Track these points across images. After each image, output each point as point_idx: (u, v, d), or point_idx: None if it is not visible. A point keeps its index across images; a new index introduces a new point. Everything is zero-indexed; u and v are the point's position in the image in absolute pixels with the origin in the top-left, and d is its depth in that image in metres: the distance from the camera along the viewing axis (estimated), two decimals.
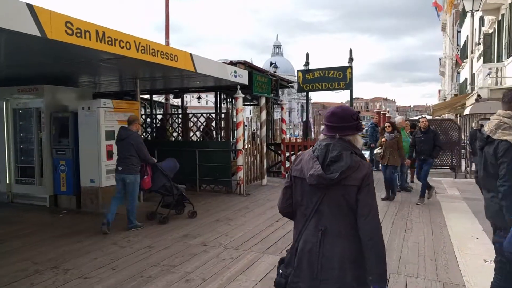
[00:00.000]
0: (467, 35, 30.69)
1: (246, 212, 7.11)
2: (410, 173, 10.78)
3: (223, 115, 10.83)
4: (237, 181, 8.83)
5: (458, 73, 38.31)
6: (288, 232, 5.77)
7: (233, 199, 7.56)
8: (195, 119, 10.15)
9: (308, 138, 11.54)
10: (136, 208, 6.01)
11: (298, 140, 11.88)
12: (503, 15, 15.81)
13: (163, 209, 6.51)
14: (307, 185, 1.98)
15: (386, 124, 8.23)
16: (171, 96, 12.19)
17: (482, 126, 13.24)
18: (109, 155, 7.28)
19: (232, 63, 9.00)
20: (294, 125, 65.53)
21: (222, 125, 10.80)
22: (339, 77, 10.91)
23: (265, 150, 10.37)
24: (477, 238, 5.68)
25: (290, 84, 11.99)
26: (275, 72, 11.02)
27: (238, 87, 8.82)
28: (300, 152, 2.61)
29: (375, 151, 8.41)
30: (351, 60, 10.81)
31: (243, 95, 8.91)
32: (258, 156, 10.24)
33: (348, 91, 11.04)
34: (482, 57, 22.05)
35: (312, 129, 14.28)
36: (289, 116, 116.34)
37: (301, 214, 2.06)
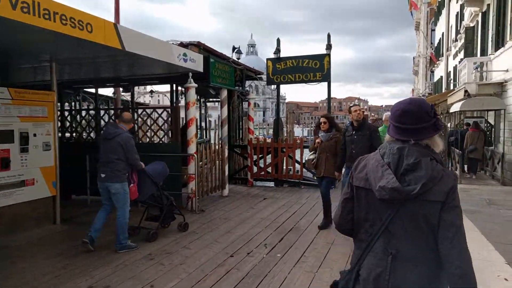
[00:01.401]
0: (443, 32, 30.13)
1: (193, 240, 5.28)
2: None
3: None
4: (188, 194, 7.00)
5: (432, 71, 38.05)
6: (245, 276, 4.02)
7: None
8: (144, 116, 8.18)
9: (279, 139, 9.81)
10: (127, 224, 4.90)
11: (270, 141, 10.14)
12: (488, 5, 14.67)
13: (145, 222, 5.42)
14: (375, 198, 1.61)
15: (321, 120, 5.81)
16: (149, 92, 10.18)
17: (468, 125, 11.59)
18: (3, 164, 5.30)
19: (182, 45, 7.15)
20: (268, 125, 64.03)
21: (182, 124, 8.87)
22: (315, 67, 9.25)
23: (226, 154, 8.57)
24: (506, 279, 4.13)
25: (258, 76, 10.24)
26: (238, 59, 9.18)
27: (190, 75, 7.00)
28: (362, 156, 1.88)
29: (307, 157, 6.10)
30: (329, 47, 9.16)
31: (196, 85, 7.07)
32: (218, 162, 8.44)
33: (325, 84, 9.37)
34: (460, 53, 21.13)
35: (284, 128, 12.63)
36: (264, 115, 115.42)
37: (364, 232, 1.70)
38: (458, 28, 22.53)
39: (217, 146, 8.54)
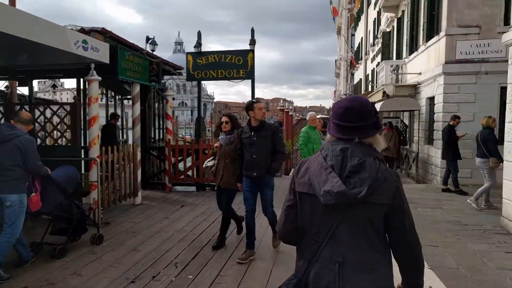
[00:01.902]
0: (362, 37, 31.75)
1: (88, 263, 4.38)
2: None
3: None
4: (90, 204, 6.01)
5: (352, 74, 40.05)
6: None
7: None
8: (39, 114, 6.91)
9: (200, 140, 9.11)
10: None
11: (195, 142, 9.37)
12: (403, 11, 15.46)
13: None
14: (319, 203, 1.52)
15: (223, 119, 4.88)
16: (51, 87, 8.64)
17: (391, 124, 11.63)
18: None
19: (83, 31, 6.13)
20: (195, 124, 62.65)
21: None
22: (239, 63, 8.72)
23: (139, 157, 7.66)
24: (430, 287, 3.93)
25: (178, 71, 9.42)
26: (153, 51, 8.30)
27: (92, 66, 6.01)
28: (304, 159, 1.76)
29: (205, 163, 5.20)
30: (252, 42, 8.69)
31: (99, 78, 6.08)
32: (129, 166, 7.49)
33: (249, 81, 8.90)
34: (377, 57, 22.28)
35: (209, 129, 11.97)
36: (192, 115, 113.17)
37: (310, 240, 1.60)
38: (376, 33, 23.74)
39: (130, 148, 7.58)
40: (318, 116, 7.48)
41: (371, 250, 1.52)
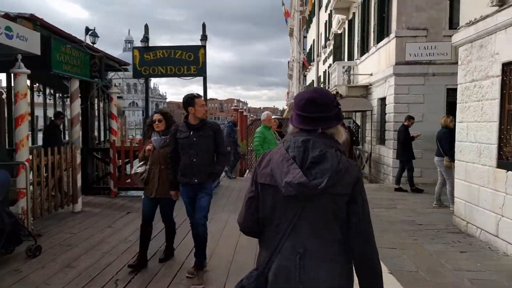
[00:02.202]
0: (314, 39, 32.25)
1: (10, 285, 3.74)
2: None
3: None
4: (19, 214, 5.26)
5: (305, 76, 40.66)
6: None
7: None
8: None
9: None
10: None
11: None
12: (354, 14, 15.73)
13: None
14: (281, 195, 1.52)
15: (155, 117, 4.17)
16: None
17: (343, 125, 11.49)
18: None
19: (8, 17, 5.38)
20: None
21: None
22: (189, 60, 8.25)
23: (79, 160, 6.94)
24: None
25: (123, 67, 8.75)
26: (93, 43, 7.60)
27: (19, 57, 5.28)
28: (267, 150, 1.75)
29: (134, 169, 4.41)
30: (204, 38, 8.24)
31: (28, 71, 5.35)
32: (68, 169, 6.76)
33: (201, 79, 8.44)
34: (329, 59, 22.65)
35: None
36: (143, 115, 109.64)
37: (271, 232, 1.59)
38: (327, 35, 24.14)
39: (68, 150, 6.83)
40: (272, 117, 7.22)
41: (332, 241, 1.52)
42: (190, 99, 3.83)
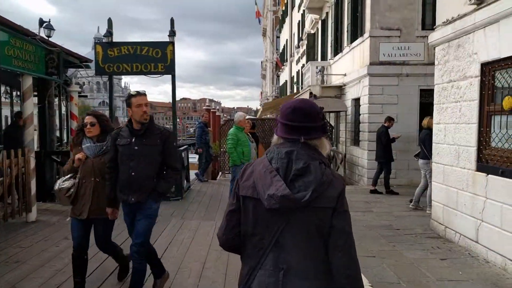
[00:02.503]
0: (287, 39, 32.18)
1: None
2: None
3: None
4: None
5: (278, 76, 40.58)
6: None
7: None
8: None
9: None
10: None
11: None
12: (327, 13, 15.61)
13: None
14: (263, 208, 1.47)
15: (87, 120, 3.41)
16: None
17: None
18: None
19: None
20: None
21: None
22: (157, 57, 7.75)
23: (33, 164, 6.33)
24: None
25: (84, 63, 8.14)
26: (49, 37, 6.99)
27: None
28: (249, 162, 1.70)
29: (58, 183, 3.47)
30: (172, 33, 7.77)
31: None
32: (19, 175, 6.14)
33: (170, 78, 7.96)
34: (302, 59, 22.55)
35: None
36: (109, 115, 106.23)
37: (253, 247, 1.54)
38: (300, 35, 24.03)
39: (24, 154, 6.21)
40: (246, 117, 6.86)
41: (316, 257, 1.47)
42: (127, 98, 3.20)
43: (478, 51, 4.93)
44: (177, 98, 8.35)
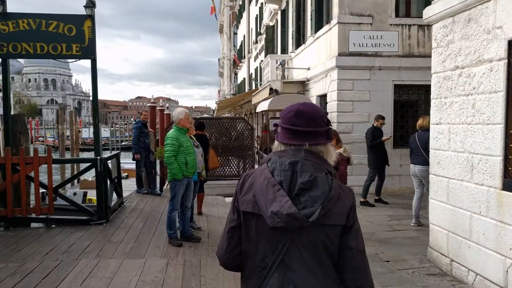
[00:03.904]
0: (244, 35, 30.68)
1: None
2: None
3: None
4: None
5: (236, 74, 39.22)
6: None
7: None
8: None
9: (7, 150, 5.92)
10: None
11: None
12: (287, 2, 14.18)
13: None
14: (265, 225, 1.36)
15: None
16: None
17: (276, 125, 9.49)
18: None
19: None
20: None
21: None
22: (69, 35, 5.82)
23: None
24: None
25: None
26: None
27: None
28: (247, 172, 1.55)
29: None
30: (90, 4, 5.85)
31: None
32: None
33: (88, 64, 6.04)
34: (261, 55, 21.10)
35: (56, 131, 8.65)
36: (64, 114, 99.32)
37: (255, 266, 1.43)
38: (259, 30, 22.58)
39: None
40: (195, 116, 5.15)
41: (324, 276, 1.37)
42: None
43: (504, 24, 3.57)
44: (132, 97, 6.59)
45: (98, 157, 5.99)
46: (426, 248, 4.92)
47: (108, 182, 6.43)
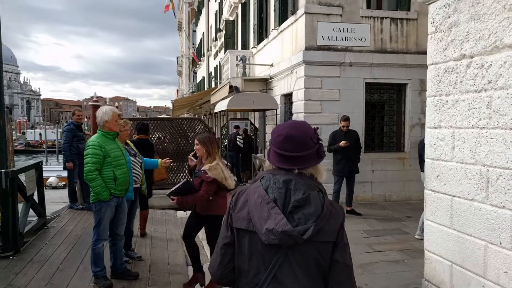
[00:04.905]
0: (203, 32, 29.36)
1: None
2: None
3: None
4: None
5: (195, 72, 37.92)
6: None
7: None
8: None
9: None
10: None
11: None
12: None
13: None
14: (259, 242, 1.39)
15: None
16: None
17: (237, 127, 7.97)
18: None
19: None
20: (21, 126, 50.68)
21: None
22: None
23: None
24: None
25: None
26: None
27: None
28: (241, 189, 1.54)
29: None
30: None
31: None
32: None
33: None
34: (220, 53, 19.95)
35: (12, 132, 7.04)
36: (11, 114, 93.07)
37: (248, 282, 1.45)
38: (218, 26, 21.41)
39: None
40: (118, 113, 3.93)
41: None
42: None
43: None
44: (88, 96, 5.23)
45: (3, 170, 4.56)
46: (416, 278, 4.06)
47: (24, 201, 5.04)
